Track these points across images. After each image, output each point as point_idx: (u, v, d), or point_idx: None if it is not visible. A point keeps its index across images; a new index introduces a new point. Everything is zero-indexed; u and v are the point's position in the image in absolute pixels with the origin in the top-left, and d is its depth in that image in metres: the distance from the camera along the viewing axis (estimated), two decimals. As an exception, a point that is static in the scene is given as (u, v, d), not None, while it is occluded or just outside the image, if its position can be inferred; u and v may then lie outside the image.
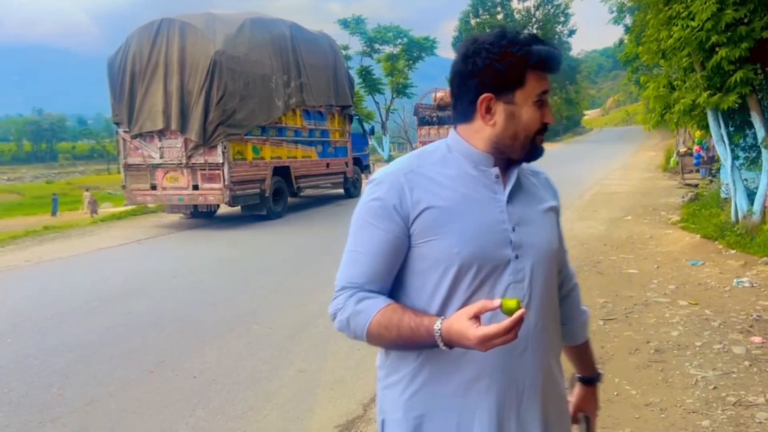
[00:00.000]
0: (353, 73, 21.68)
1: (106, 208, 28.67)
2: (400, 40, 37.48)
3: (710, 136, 8.23)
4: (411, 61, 37.44)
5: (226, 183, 10.06)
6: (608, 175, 18.60)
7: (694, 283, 5.64)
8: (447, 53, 58.71)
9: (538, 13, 55.56)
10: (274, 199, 11.38)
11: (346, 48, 31.77)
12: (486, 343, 1.04)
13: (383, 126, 36.07)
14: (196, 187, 10.26)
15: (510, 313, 1.03)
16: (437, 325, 1.10)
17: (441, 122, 30.27)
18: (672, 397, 3.35)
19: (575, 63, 62.43)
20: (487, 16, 54.30)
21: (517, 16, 55.35)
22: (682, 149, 18.57)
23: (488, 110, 1.20)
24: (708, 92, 6.48)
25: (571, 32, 57.30)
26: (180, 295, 6.16)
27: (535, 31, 56.78)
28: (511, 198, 1.23)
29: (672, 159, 19.43)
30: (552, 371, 1.29)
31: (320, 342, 4.55)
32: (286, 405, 3.56)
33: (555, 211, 1.34)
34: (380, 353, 1.33)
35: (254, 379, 3.94)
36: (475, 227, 1.18)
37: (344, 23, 36.14)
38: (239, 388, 3.80)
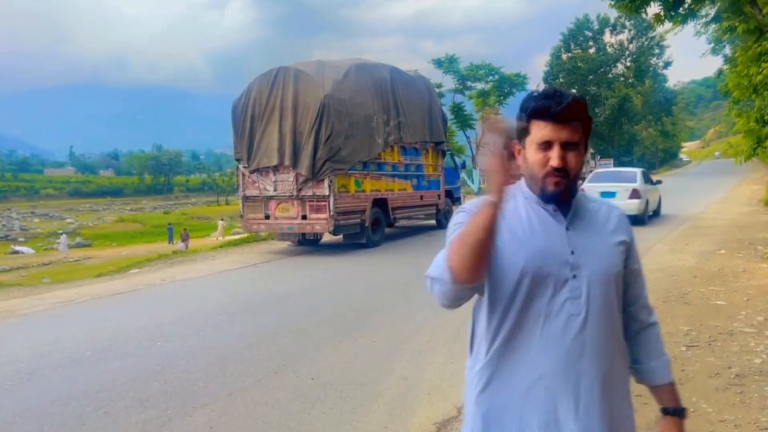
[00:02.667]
0: (446, 109, 22.39)
1: (215, 238, 30.89)
2: (491, 77, 38.12)
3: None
4: (502, 97, 37.89)
5: (332, 213, 10.97)
6: (705, 209, 17.96)
7: (786, 316, 5.66)
8: (539, 87, 58.32)
9: (631, 46, 53.95)
10: (372, 228, 12.19)
11: (439, 86, 32.75)
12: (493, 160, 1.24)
13: (474, 160, 36.55)
14: (304, 217, 11.26)
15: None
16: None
17: (532, 155, 30.08)
18: (747, 416, 3.59)
19: (671, 95, 59.71)
20: (579, 51, 53.45)
21: (609, 49, 54.02)
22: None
23: (519, 153, 1.45)
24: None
25: (667, 64, 55.24)
26: (295, 311, 6.97)
27: (628, 63, 55.25)
28: (571, 226, 1.43)
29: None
30: (610, 381, 1.40)
31: (419, 354, 5.12)
32: (391, 405, 4.14)
33: (624, 244, 1.48)
34: (467, 358, 1.53)
35: (363, 382, 4.56)
36: (540, 248, 1.39)
37: (438, 63, 37.34)
38: (350, 389, 4.44)
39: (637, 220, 13.44)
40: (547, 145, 1.38)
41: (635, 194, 13.81)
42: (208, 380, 4.72)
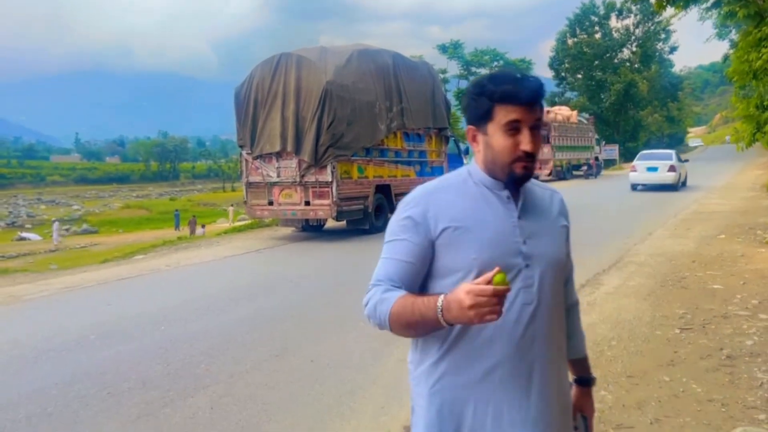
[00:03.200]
0: (450, 95, 22.37)
1: (221, 224, 31.06)
2: (496, 63, 37.95)
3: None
4: (507, 83, 37.78)
5: (334, 199, 11.04)
6: (708, 194, 17.97)
7: (782, 299, 5.71)
8: (545, 73, 57.78)
9: (637, 31, 53.49)
10: (375, 214, 12.25)
11: (444, 72, 32.67)
12: (476, 298, 1.17)
13: (478, 146, 36.54)
14: (307, 203, 11.33)
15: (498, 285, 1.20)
16: (440, 300, 1.26)
17: (535, 141, 29.96)
18: (735, 395, 3.66)
19: (677, 80, 59.22)
20: (585, 36, 53.06)
21: (615, 34, 53.66)
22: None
23: (474, 139, 1.44)
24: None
25: (673, 49, 54.87)
26: (297, 296, 7.07)
27: (634, 49, 54.73)
28: (523, 214, 1.43)
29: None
30: (559, 366, 1.47)
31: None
32: (388, 387, 4.22)
33: (566, 229, 1.53)
34: (410, 350, 1.52)
35: (361, 365, 4.65)
36: (490, 239, 1.37)
37: (443, 48, 37.25)
38: (349, 371, 4.53)
39: (673, 187, 19.68)
40: (515, 130, 1.36)
41: (672, 169, 19.77)
42: (210, 363, 4.82)
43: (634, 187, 20.73)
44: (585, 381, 1.68)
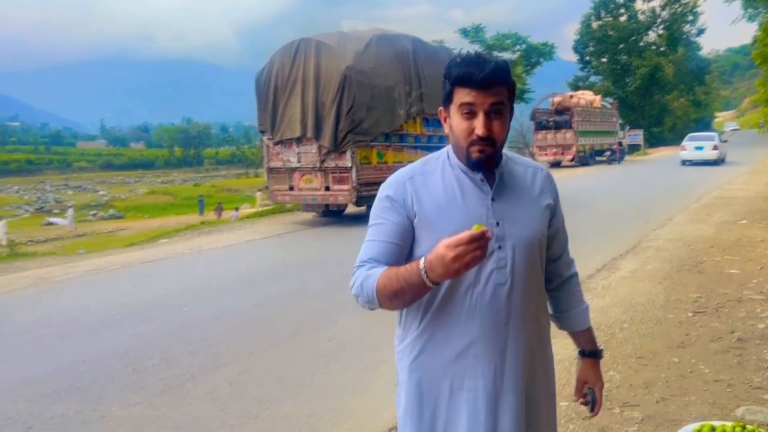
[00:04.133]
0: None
1: (245, 209, 31.42)
2: (518, 47, 37.46)
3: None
4: (529, 67, 37.25)
5: (354, 185, 11.14)
6: (732, 180, 17.72)
7: (800, 284, 5.69)
8: (569, 56, 56.88)
9: (664, 13, 52.13)
10: (395, 200, 12.30)
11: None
12: (456, 249, 1.20)
13: (500, 130, 36.20)
14: (327, 188, 11.46)
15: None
16: (422, 262, 1.28)
17: (558, 126, 29.52)
18: (742, 377, 3.70)
19: (704, 63, 57.59)
20: (610, 18, 51.93)
21: (641, 17, 52.32)
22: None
23: (445, 121, 1.47)
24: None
25: (700, 31, 53.37)
26: (316, 279, 7.22)
27: (660, 31, 53.36)
28: (497, 195, 1.44)
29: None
30: (535, 341, 1.49)
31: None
32: (401, 365, 4.35)
33: (549, 207, 1.53)
34: (396, 326, 1.58)
35: (375, 345, 4.76)
36: (463, 222, 1.35)
37: (464, 32, 36.86)
38: (364, 350, 4.66)
39: (716, 162, 24.76)
40: (471, 113, 1.37)
41: (715, 147, 25.13)
42: (230, 342, 4.99)
43: (683, 162, 25.43)
44: (589, 353, 1.68)
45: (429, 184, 1.46)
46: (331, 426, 3.47)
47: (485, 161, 1.40)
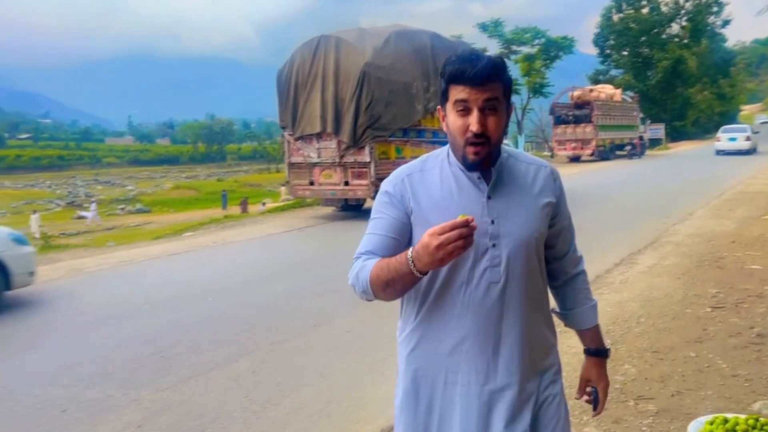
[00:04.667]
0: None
1: (268, 204, 31.71)
2: (537, 41, 37.12)
3: None
4: (548, 61, 36.92)
5: (372, 179, 11.24)
6: (756, 174, 17.43)
7: (822, 280, 5.64)
8: (590, 49, 56.09)
9: (687, 4, 51.04)
10: (413, 194, 12.38)
11: (484, 51, 32.18)
12: (439, 237, 1.22)
13: (518, 125, 35.97)
14: (347, 183, 11.59)
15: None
16: (409, 252, 1.31)
17: (577, 121, 29.22)
18: (760, 371, 3.71)
19: (730, 55, 56.32)
20: (632, 11, 50.97)
21: (664, 8, 51.23)
22: None
23: (443, 119, 1.46)
24: None
25: (725, 22, 52.19)
26: (336, 271, 7.27)
27: (684, 23, 52.22)
28: (494, 193, 1.44)
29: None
30: (530, 338, 1.48)
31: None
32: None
33: (550, 205, 1.51)
34: (398, 320, 1.61)
35: (391, 336, 4.67)
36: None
37: (483, 27, 36.67)
38: (382, 341, 4.74)
39: (748, 152, 26.94)
40: (465, 110, 1.37)
41: (748, 138, 27.37)
42: (253, 332, 5.14)
43: (718, 152, 27.37)
44: (594, 352, 1.67)
45: (427, 181, 1.48)
46: (348, 413, 3.58)
47: (481, 163, 1.41)
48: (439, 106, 1.48)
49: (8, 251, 6.21)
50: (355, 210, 13.16)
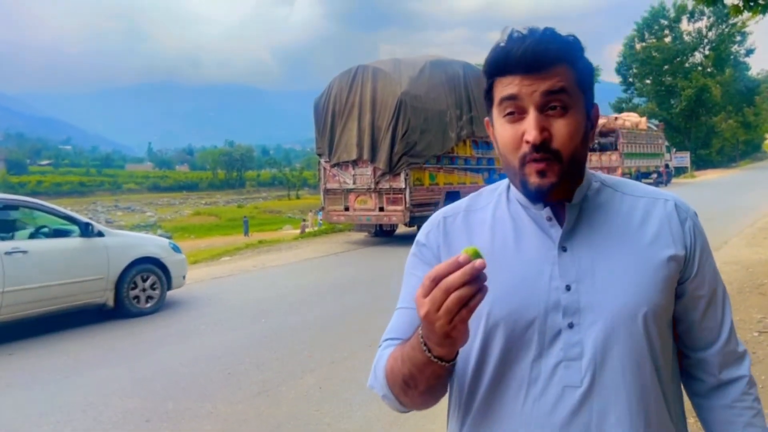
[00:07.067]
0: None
1: (287, 230, 32.07)
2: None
3: None
4: (570, 89, 37.39)
5: (407, 205, 11.51)
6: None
7: None
8: (612, 77, 56.49)
9: (710, 33, 51.55)
10: (446, 220, 12.62)
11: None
12: (422, 301, 0.78)
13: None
14: (381, 209, 11.87)
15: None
16: (420, 328, 0.86)
17: (603, 149, 29.41)
18: (814, 391, 3.85)
19: (754, 84, 56.52)
20: (654, 40, 51.53)
21: (686, 38, 51.87)
22: None
23: (493, 134, 1.00)
24: None
25: (749, 51, 52.58)
26: (380, 292, 7.51)
27: (707, 52, 52.45)
28: (571, 243, 0.96)
29: None
30: None
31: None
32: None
33: (676, 260, 0.97)
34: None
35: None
36: (514, 283, 0.95)
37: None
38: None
39: None
40: (518, 112, 0.91)
41: None
42: (312, 351, 5.34)
43: None
44: None
45: (472, 224, 1.04)
46: (419, 426, 3.76)
47: (550, 190, 0.92)
48: (486, 119, 1.02)
49: (170, 257, 7.26)
50: (387, 236, 13.40)
